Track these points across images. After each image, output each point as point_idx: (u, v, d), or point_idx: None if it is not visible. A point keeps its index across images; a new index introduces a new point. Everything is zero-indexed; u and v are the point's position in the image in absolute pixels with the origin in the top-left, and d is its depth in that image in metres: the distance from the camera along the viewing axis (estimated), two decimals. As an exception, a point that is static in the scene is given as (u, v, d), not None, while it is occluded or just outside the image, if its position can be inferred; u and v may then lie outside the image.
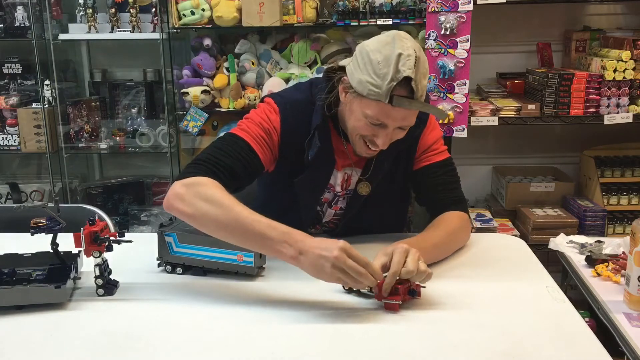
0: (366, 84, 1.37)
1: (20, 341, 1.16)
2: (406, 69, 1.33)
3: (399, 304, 1.26)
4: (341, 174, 1.61)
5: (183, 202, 1.35)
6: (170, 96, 2.98)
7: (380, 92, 1.35)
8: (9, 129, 3.08)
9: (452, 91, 2.60)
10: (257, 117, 1.53)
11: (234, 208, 1.30)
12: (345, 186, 1.63)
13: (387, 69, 1.34)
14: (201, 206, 1.32)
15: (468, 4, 2.53)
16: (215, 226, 1.32)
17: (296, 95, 1.59)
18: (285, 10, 2.78)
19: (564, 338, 1.17)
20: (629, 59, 2.56)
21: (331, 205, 1.66)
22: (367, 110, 1.40)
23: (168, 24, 2.86)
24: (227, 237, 1.33)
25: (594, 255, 1.72)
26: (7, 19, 3.01)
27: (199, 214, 1.33)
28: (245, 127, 1.52)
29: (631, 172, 2.85)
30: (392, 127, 1.43)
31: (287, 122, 1.53)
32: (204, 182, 1.37)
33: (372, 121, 1.41)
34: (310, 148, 1.53)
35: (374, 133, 1.44)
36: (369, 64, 1.37)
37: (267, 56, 2.94)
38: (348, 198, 1.65)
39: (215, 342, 1.16)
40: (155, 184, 3.28)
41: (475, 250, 1.62)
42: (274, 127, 1.53)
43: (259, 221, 1.28)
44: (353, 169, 1.62)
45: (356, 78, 1.40)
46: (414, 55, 1.34)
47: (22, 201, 3.16)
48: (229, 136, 1.51)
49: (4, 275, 1.36)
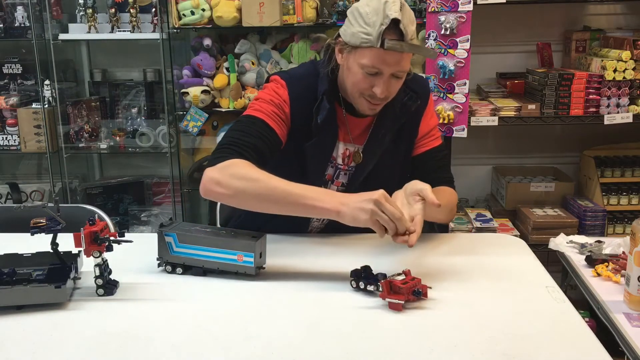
0: (358, 34, 1.47)
1: (20, 341, 1.16)
2: (393, 12, 1.44)
3: (402, 303, 1.26)
4: (342, 146, 1.68)
5: (220, 185, 1.44)
6: (170, 96, 2.98)
7: (371, 38, 1.45)
8: (9, 129, 3.08)
9: (452, 91, 2.60)
10: (267, 95, 1.61)
11: (270, 180, 1.41)
12: (347, 161, 1.69)
13: (376, 17, 1.45)
14: (238, 185, 1.42)
15: (468, 4, 2.53)
16: (256, 200, 1.43)
17: (300, 70, 1.73)
18: (285, 10, 2.78)
19: (564, 338, 1.17)
20: (629, 59, 2.56)
21: (333, 180, 1.71)
22: (362, 60, 1.49)
23: (168, 24, 2.86)
24: (270, 208, 1.43)
25: (594, 255, 1.73)
26: (7, 19, 3.01)
27: (239, 192, 1.43)
28: (257, 107, 1.59)
29: (631, 172, 2.85)
30: (387, 74, 1.50)
31: (294, 93, 1.61)
32: (235, 163, 1.46)
33: (368, 70, 1.50)
34: (319, 113, 1.60)
35: (371, 84, 1.52)
36: (359, 17, 1.48)
37: (267, 56, 2.94)
38: (350, 174, 1.70)
39: (215, 342, 1.16)
40: (155, 184, 3.28)
41: (475, 250, 1.62)
42: (283, 100, 1.60)
43: (297, 185, 1.40)
44: (354, 145, 1.68)
45: (349, 32, 1.50)
46: (399, 2, 1.46)
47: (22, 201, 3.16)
48: (245, 118, 1.59)
49: (4, 275, 1.36)
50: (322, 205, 1.38)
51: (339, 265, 1.44)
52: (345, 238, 1.66)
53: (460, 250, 1.61)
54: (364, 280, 1.34)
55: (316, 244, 1.66)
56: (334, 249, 1.60)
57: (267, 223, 1.67)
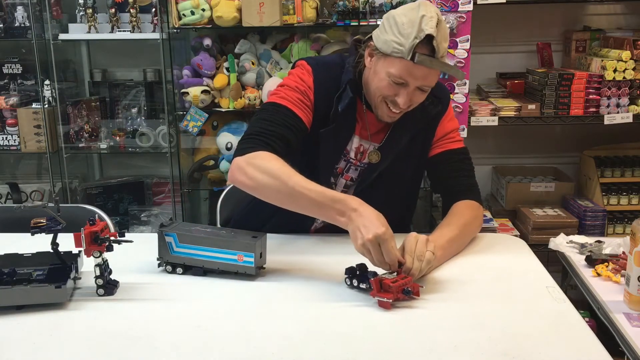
0: (391, 43, 1.48)
1: (20, 341, 1.16)
2: (428, 28, 1.44)
3: (390, 302, 1.27)
4: (357, 140, 1.68)
5: (245, 176, 1.48)
6: (170, 96, 2.98)
7: (403, 49, 1.46)
8: (9, 129, 3.08)
9: (452, 91, 2.60)
10: (293, 82, 1.63)
11: (290, 179, 1.42)
12: (359, 157, 1.69)
13: (411, 29, 1.45)
14: (261, 179, 1.45)
15: (468, 4, 2.53)
16: (275, 197, 1.46)
17: (327, 58, 1.78)
18: (285, 10, 2.78)
19: (564, 338, 1.17)
20: (629, 59, 2.56)
21: (343, 174, 1.71)
22: (390, 69, 1.50)
23: (168, 24, 2.86)
24: (287, 206, 1.46)
25: (594, 255, 1.73)
26: (7, 19, 3.01)
27: (260, 186, 1.46)
28: (283, 94, 1.61)
29: (631, 172, 2.85)
30: (413, 86, 1.51)
31: (319, 79, 1.63)
32: (262, 156, 1.49)
33: (395, 80, 1.50)
34: (341, 101, 1.61)
35: (395, 92, 1.53)
36: (395, 26, 1.48)
37: (267, 56, 2.94)
38: (360, 170, 1.70)
39: (215, 342, 1.16)
40: (155, 184, 3.28)
41: (475, 250, 1.62)
42: (308, 86, 1.62)
43: (315, 190, 1.40)
44: (370, 143, 1.68)
45: (382, 39, 1.51)
46: (436, 18, 1.46)
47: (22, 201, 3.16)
48: (270, 106, 1.60)
49: (4, 275, 1.36)
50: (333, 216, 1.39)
51: (339, 265, 1.44)
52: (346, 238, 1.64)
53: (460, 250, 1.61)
54: (357, 278, 1.35)
55: (316, 244, 1.66)
56: (334, 249, 1.60)
57: (267, 223, 1.68)
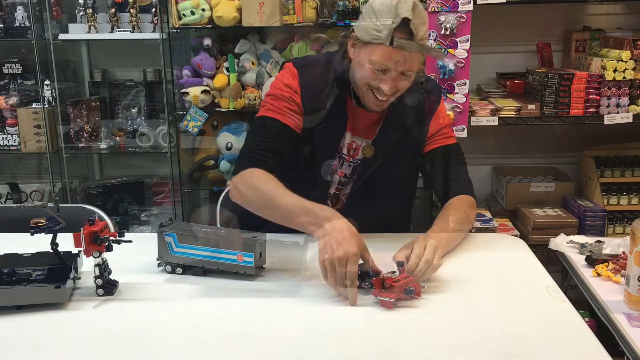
0: (370, 30, 1.53)
1: (20, 341, 1.16)
2: (404, 11, 1.48)
3: (392, 301, 1.27)
4: (349, 137, 1.71)
5: (240, 194, 1.62)
6: (170, 96, 2.98)
7: (382, 35, 1.50)
8: (9, 129, 3.08)
9: (452, 91, 2.60)
10: (278, 91, 1.68)
11: (271, 192, 1.53)
12: (352, 153, 1.71)
13: (388, 14, 1.50)
14: (250, 195, 1.59)
15: (468, 4, 2.53)
16: (261, 210, 1.57)
17: (314, 58, 1.87)
18: (285, 10, 2.78)
19: (564, 338, 1.17)
20: (629, 59, 2.56)
21: (337, 170, 1.73)
22: (372, 56, 1.54)
23: (168, 24, 2.85)
24: (271, 218, 1.56)
25: (594, 255, 1.73)
26: (7, 19, 3.00)
27: (250, 201, 1.60)
28: (269, 106, 1.67)
29: (631, 172, 2.85)
30: (395, 72, 1.54)
31: (305, 81, 1.68)
32: (250, 174, 1.59)
33: (377, 66, 1.54)
34: (329, 98, 1.66)
35: (379, 79, 1.56)
36: (372, 13, 1.53)
37: (267, 56, 2.94)
38: (354, 166, 1.72)
39: (215, 342, 1.16)
40: (155, 184, 3.28)
41: (475, 250, 1.62)
42: (294, 91, 1.67)
43: (291, 202, 1.48)
44: (362, 139, 1.71)
45: (361, 28, 1.56)
46: (411, 1, 1.50)
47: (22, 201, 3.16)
48: (259, 120, 1.68)
49: (4, 275, 1.36)
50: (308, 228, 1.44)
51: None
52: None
53: (460, 250, 1.61)
54: (358, 278, 1.34)
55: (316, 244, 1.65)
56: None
57: (267, 223, 1.68)
